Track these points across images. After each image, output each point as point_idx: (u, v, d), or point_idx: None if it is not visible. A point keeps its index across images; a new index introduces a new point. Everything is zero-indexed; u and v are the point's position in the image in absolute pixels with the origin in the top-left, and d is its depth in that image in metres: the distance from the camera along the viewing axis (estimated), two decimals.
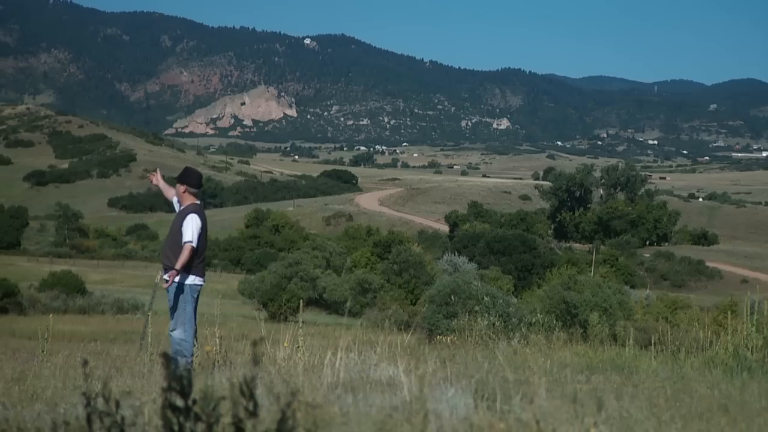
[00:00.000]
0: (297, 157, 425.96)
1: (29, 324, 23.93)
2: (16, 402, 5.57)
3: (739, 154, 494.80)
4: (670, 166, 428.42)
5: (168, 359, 3.06)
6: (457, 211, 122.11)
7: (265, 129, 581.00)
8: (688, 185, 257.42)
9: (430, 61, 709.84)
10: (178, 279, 8.84)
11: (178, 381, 3.01)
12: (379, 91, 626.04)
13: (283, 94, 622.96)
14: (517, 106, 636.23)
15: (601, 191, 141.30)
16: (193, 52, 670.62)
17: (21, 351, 13.28)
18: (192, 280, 8.93)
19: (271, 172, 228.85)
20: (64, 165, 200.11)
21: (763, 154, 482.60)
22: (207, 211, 9.43)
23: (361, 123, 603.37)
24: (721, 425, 4.88)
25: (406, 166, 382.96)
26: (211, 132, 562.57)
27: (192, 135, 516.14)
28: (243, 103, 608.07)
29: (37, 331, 11.47)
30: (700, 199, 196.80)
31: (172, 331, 8.93)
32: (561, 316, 21.68)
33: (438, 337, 16.83)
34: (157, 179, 9.88)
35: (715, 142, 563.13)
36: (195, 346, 9.03)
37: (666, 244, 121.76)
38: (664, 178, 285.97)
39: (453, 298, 19.26)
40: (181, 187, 9.11)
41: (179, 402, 3.02)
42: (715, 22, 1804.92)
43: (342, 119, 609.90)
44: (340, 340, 6.94)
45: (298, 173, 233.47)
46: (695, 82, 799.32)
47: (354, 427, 4.02)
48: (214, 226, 10.72)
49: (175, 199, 9.37)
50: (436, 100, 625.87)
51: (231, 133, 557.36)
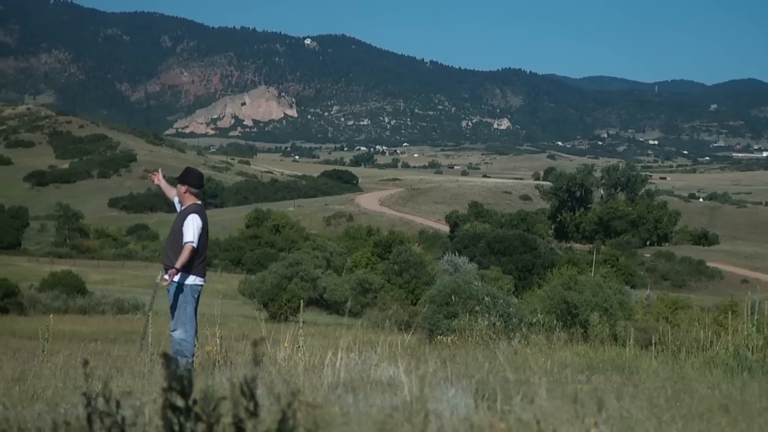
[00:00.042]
0: (297, 157, 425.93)
1: (30, 324, 23.93)
2: (17, 402, 5.57)
3: (739, 155, 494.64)
4: (671, 166, 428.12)
5: (168, 359, 3.06)
6: (458, 211, 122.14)
7: (266, 129, 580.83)
8: (689, 185, 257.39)
9: (431, 61, 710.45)
10: (178, 279, 8.84)
11: (179, 381, 3.01)
12: (379, 92, 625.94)
13: (283, 94, 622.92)
14: (518, 106, 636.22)
15: (602, 191, 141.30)
16: (194, 52, 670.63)
17: (21, 351, 13.28)
18: (193, 280, 8.93)
19: (271, 173, 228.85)
20: (65, 165, 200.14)
21: (764, 154, 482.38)
22: (207, 212, 9.43)
23: (361, 123, 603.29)
24: (722, 425, 4.89)
25: (406, 166, 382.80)
26: (211, 132, 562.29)
27: (192, 135, 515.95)
28: (243, 104, 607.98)
29: (38, 331, 11.47)
30: (701, 199, 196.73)
31: (172, 331, 8.93)
32: (561, 316, 21.69)
33: (438, 337, 16.84)
34: (159, 179, 9.90)
35: (715, 143, 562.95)
36: (196, 346, 9.04)
37: (666, 244, 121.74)
38: (665, 179, 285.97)
39: (453, 298, 19.27)
40: (182, 188, 9.11)
41: (180, 402, 3.03)
42: (716, 22, 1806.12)
43: (342, 119, 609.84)
44: (340, 340, 6.94)
45: (299, 173, 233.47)
46: (696, 82, 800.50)
47: (354, 427, 4.03)
48: (214, 226, 10.68)
49: (176, 200, 9.37)
50: (437, 101, 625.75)
51: (231, 133, 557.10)
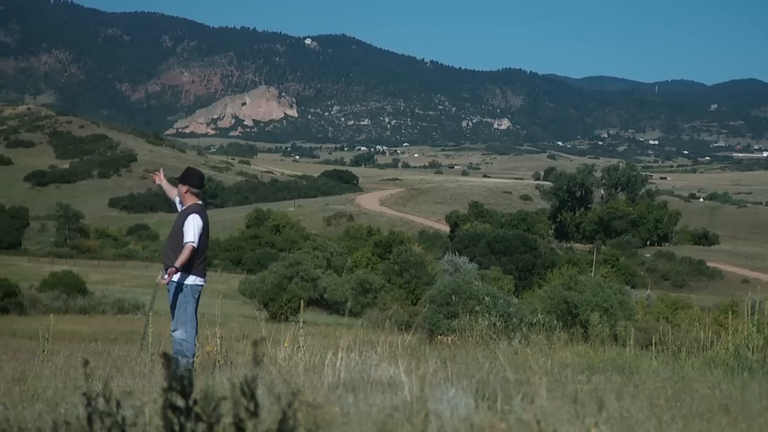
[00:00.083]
0: (298, 157, 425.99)
1: (30, 324, 23.93)
2: (17, 402, 5.57)
3: (739, 155, 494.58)
4: (671, 166, 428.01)
5: (169, 359, 3.06)
6: (458, 211, 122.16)
7: (266, 129, 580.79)
8: (689, 185, 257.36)
9: (431, 61, 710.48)
10: (178, 279, 8.84)
11: (179, 381, 3.01)
12: (379, 92, 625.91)
13: (283, 94, 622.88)
14: (518, 106, 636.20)
15: (602, 191, 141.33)
16: (194, 52, 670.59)
17: (22, 351, 13.28)
18: (193, 280, 8.93)
19: (271, 173, 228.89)
20: (65, 165, 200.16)
21: (764, 154, 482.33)
22: (208, 212, 9.44)
23: (361, 123, 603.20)
24: (722, 425, 4.88)
25: (406, 166, 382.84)
26: (211, 132, 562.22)
27: (193, 135, 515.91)
28: (244, 104, 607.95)
29: (38, 331, 11.47)
30: (701, 199, 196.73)
31: (173, 331, 8.93)
32: (562, 316, 21.69)
33: (439, 337, 16.84)
34: (160, 179, 9.90)
35: (715, 143, 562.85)
36: (196, 346, 9.04)
37: (667, 244, 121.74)
38: (665, 178, 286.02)
39: (454, 298, 19.26)
40: (183, 188, 9.12)
41: (180, 402, 3.03)
42: (716, 22, 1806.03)
43: (343, 119, 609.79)
44: (340, 340, 6.94)
45: (299, 173, 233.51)
46: (696, 82, 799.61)
47: (355, 427, 4.03)
48: (214, 226, 10.67)
49: (177, 199, 9.38)
50: (437, 101, 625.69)
51: (232, 133, 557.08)
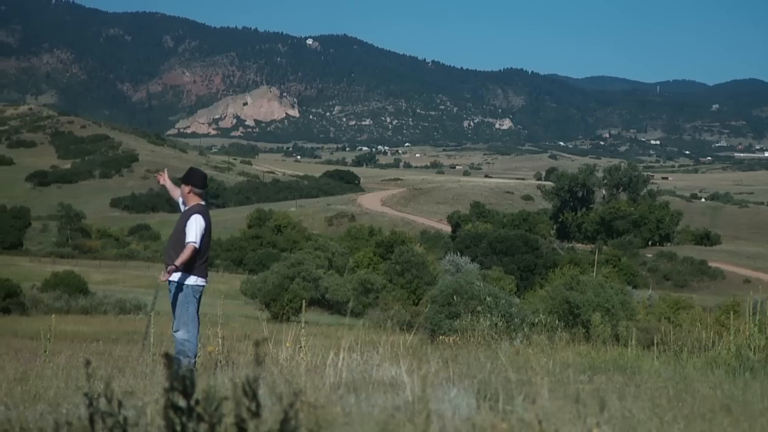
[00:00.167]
0: (299, 157, 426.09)
1: (32, 324, 23.93)
2: (19, 402, 5.57)
3: (741, 155, 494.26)
4: (673, 167, 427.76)
5: (170, 359, 3.06)
6: (460, 211, 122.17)
7: (268, 129, 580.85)
8: (691, 185, 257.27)
9: (433, 61, 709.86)
10: (178, 279, 8.85)
11: (181, 381, 3.01)
12: (381, 92, 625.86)
13: (285, 94, 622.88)
14: (520, 106, 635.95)
15: (604, 191, 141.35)
16: (196, 52, 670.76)
17: (23, 351, 13.28)
18: (194, 280, 8.93)
19: (273, 173, 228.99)
20: (67, 165, 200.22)
21: (766, 154, 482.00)
22: (209, 212, 9.44)
23: (363, 123, 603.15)
24: (724, 425, 4.88)
25: (408, 166, 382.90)
26: (213, 132, 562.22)
27: (194, 135, 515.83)
28: (245, 104, 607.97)
29: (40, 332, 11.49)
30: (703, 199, 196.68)
31: (175, 331, 8.93)
32: (563, 316, 21.68)
33: (440, 337, 16.84)
34: (164, 179, 9.91)
35: (717, 143, 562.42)
36: (198, 346, 9.04)
37: (668, 244, 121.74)
38: (667, 179, 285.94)
39: (455, 298, 19.25)
40: (186, 188, 9.13)
41: (182, 402, 3.03)
42: (717, 22, 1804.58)
43: (344, 119, 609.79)
44: (342, 341, 6.94)
45: (301, 173, 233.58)
46: (697, 82, 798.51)
47: (356, 428, 4.03)
48: (216, 226, 10.68)
49: (180, 200, 9.39)
50: (439, 101, 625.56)
51: (233, 133, 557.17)
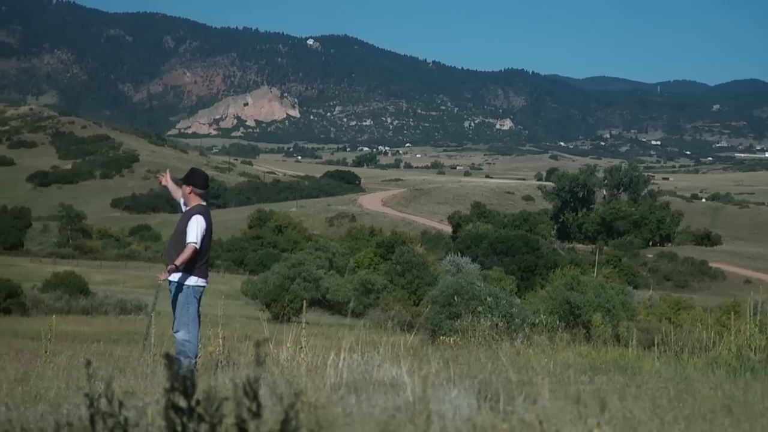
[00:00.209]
0: (300, 157, 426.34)
1: (32, 325, 23.92)
2: (20, 403, 5.57)
3: (742, 155, 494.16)
4: (673, 167, 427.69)
5: (171, 360, 3.06)
6: (460, 211, 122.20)
7: (268, 130, 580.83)
8: (691, 186, 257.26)
9: (433, 61, 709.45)
10: (179, 279, 8.85)
11: (182, 382, 3.01)
12: (381, 92, 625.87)
13: (286, 94, 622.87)
14: (520, 106, 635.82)
15: (604, 192, 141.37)
16: (196, 52, 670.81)
17: (24, 352, 13.28)
18: (195, 281, 8.93)
19: (274, 173, 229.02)
20: (67, 166, 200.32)
21: (766, 154, 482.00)
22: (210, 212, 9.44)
23: (364, 123, 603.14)
24: (724, 426, 4.88)
25: (409, 166, 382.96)
26: (214, 133, 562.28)
27: (195, 136, 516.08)
28: (246, 104, 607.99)
29: (41, 332, 11.47)
30: (703, 199, 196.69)
31: (175, 332, 8.93)
32: (564, 316, 21.68)
33: (441, 337, 16.83)
34: (166, 180, 9.90)
35: (718, 143, 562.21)
36: (199, 347, 9.04)
37: (669, 244, 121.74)
38: (667, 179, 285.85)
39: (456, 298, 19.25)
40: (187, 188, 9.13)
41: (182, 403, 3.03)
42: (718, 22, 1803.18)
43: (345, 120, 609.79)
44: (343, 341, 6.94)
45: (301, 174, 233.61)
46: (698, 82, 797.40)
47: (357, 428, 4.03)
48: (216, 226, 10.68)
49: (182, 200, 9.39)
50: (439, 101, 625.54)
51: (234, 133, 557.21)
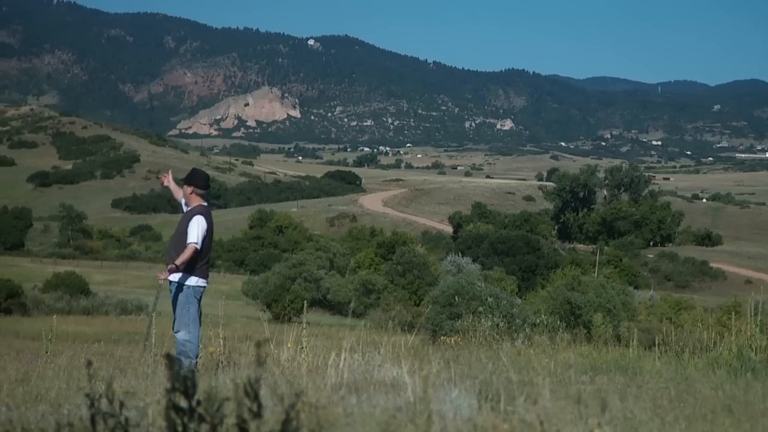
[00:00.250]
0: (301, 158, 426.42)
1: (33, 325, 23.92)
2: (20, 403, 5.57)
3: (742, 155, 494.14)
4: (674, 167, 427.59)
5: (172, 360, 3.06)
6: (461, 211, 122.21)
7: (269, 130, 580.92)
8: (692, 186, 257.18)
9: (434, 62, 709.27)
10: (179, 279, 8.85)
11: (182, 382, 3.01)
12: (382, 92, 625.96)
13: (286, 95, 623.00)
14: (521, 106, 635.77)
15: (605, 192, 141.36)
16: (197, 53, 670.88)
17: (25, 352, 13.28)
18: (195, 281, 8.93)
19: (274, 173, 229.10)
20: (68, 166, 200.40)
21: (767, 154, 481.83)
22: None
23: (364, 124, 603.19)
24: (725, 426, 4.88)
25: (409, 167, 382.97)
26: (214, 133, 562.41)
27: (196, 136, 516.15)
28: (247, 104, 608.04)
29: (41, 332, 11.47)
30: (704, 199, 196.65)
31: (176, 332, 8.93)
32: (565, 316, 21.69)
33: (442, 338, 16.84)
34: (169, 181, 9.89)
35: (718, 143, 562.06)
36: (199, 347, 9.04)
37: (670, 244, 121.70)
38: (668, 179, 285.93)
39: (457, 299, 19.26)
40: (188, 189, 9.13)
41: (183, 403, 3.03)
42: (719, 22, 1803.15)
43: (346, 120, 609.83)
44: (344, 341, 6.93)
45: (302, 174, 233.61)
46: (699, 82, 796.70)
47: (358, 428, 4.02)
48: (217, 227, 10.68)
49: (183, 201, 9.39)
50: (440, 101, 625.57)
51: (235, 134, 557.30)
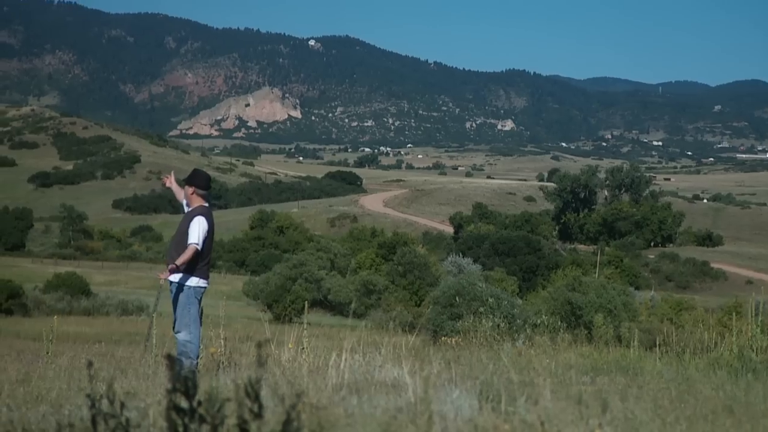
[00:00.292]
0: (301, 158, 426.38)
1: (34, 325, 23.93)
2: (21, 403, 5.57)
3: (743, 155, 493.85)
4: (675, 168, 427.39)
5: (173, 361, 3.06)
6: (462, 212, 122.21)
7: (270, 130, 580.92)
8: (693, 186, 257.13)
9: (435, 62, 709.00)
10: (180, 280, 8.85)
11: (183, 382, 3.01)
12: (383, 93, 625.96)
13: (287, 95, 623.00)
14: (522, 107, 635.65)
15: (606, 192, 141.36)
16: (198, 53, 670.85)
17: (26, 352, 13.28)
18: (196, 282, 8.93)
19: (275, 174, 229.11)
20: (69, 166, 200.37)
21: None
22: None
23: (365, 124, 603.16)
24: (726, 426, 4.88)
25: (410, 167, 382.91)
26: (215, 133, 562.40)
27: (196, 136, 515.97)
28: (247, 105, 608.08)
29: (42, 333, 11.47)
30: (705, 200, 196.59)
31: (176, 333, 8.93)
32: (566, 317, 21.69)
33: (443, 338, 16.84)
34: (171, 182, 9.90)
35: (719, 144, 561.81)
36: (200, 347, 9.04)
37: (671, 245, 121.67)
38: (669, 179, 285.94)
39: (457, 299, 19.26)
40: (189, 189, 9.14)
41: (184, 403, 3.03)
42: (719, 23, 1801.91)
43: (346, 120, 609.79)
44: (344, 342, 6.93)
45: (303, 174, 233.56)
46: (699, 83, 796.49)
47: (359, 429, 4.02)
48: (218, 227, 10.68)
49: (185, 202, 9.39)
50: (441, 102, 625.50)
51: (235, 134, 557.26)
